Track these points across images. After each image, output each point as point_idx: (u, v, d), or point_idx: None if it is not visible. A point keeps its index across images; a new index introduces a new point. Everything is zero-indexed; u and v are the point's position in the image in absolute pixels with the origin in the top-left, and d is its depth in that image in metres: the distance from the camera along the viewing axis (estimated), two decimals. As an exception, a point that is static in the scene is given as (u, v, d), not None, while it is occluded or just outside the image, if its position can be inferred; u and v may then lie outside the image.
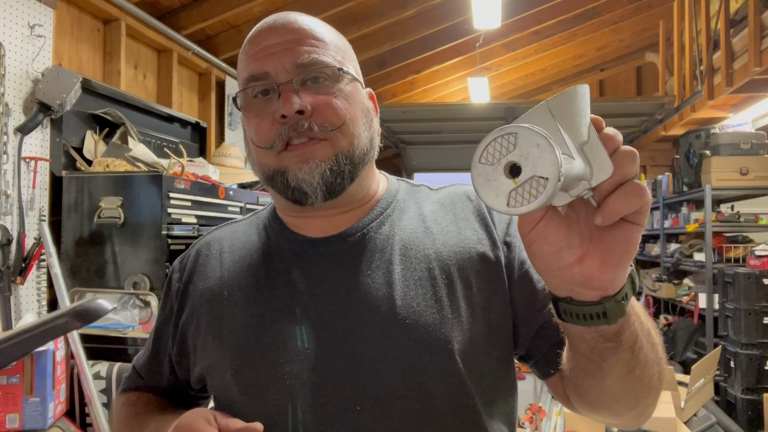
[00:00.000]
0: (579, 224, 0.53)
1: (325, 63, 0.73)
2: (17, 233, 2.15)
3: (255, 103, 0.75)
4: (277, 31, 0.74)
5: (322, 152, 0.72)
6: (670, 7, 5.21)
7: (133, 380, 0.90)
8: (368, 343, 0.69)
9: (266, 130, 0.73)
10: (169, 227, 2.27)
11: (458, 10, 4.23)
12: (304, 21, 0.76)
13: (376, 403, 0.68)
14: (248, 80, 0.75)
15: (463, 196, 0.83)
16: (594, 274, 0.52)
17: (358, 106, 0.76)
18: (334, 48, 0.76)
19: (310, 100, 0.71)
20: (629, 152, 0.51)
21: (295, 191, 0.73)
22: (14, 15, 2.17)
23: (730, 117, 4.92)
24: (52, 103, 2.22)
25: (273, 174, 0.74)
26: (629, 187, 0.50)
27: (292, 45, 0.73)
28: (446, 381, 0.70)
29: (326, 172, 0.71)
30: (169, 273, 0.87)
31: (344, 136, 0.73)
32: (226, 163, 3.33)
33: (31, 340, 0.60)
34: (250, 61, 0.75)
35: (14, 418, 1.58)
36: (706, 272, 4.25)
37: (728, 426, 3.11)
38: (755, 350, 3.55)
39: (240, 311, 0.75)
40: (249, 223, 0.87)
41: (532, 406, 2.52)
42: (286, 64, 0.72)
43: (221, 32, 3.78)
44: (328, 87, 0.73)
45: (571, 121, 0.50)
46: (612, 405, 0.67)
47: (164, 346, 0.85)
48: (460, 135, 6.18)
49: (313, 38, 0.74)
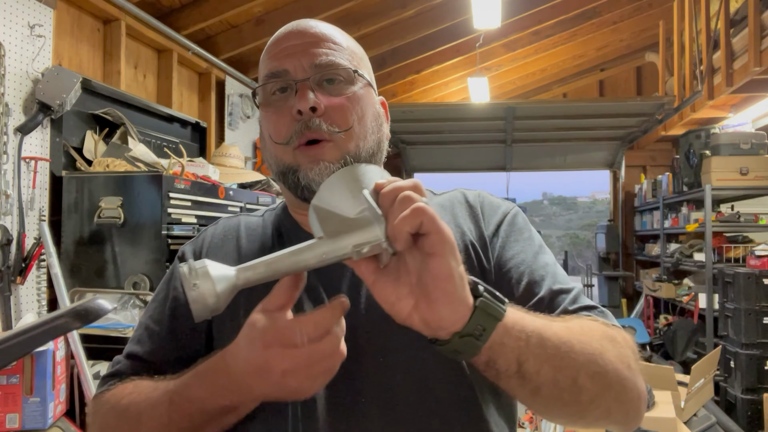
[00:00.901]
0: (408, 275, 0.55)
1: (341, 65, 0.77)
2: (17, 233, 2.15)
3: (273, 100, 0.78)
4: (298, 34, 0.79)
5: (331, 154, 0.75)
6: (670, 7, 5.20)
7: (130, 367, 0.81)
8: (372, 337, 0.72)
9: (283, 126, 0.76)
10: (169, 227, 2.27)
11: (458, 10, 4.23)
12: (323, 27, 0.81)
13: (380, 394, 0.71)
14: (268, 77, 0.78)
15: (462, 198, 0.87)
16: (427, 317, 0.54)
17: (369, 110, 0.80)
18: (350, 53, 0.81)
19: (324, 100, 0.75)
20: (402, 198, 0.54)
21: (305, 190, 0.76)
22: (14, 15, 2.17)
23: (730, 117, 4.92)
24: (52, 103, 2.22)
25: (286, 170, 0.77)
26: (401, 200, 0.53)
27: (311, 47, 0.77)
28: (447, 374, 0.72)
29: (333, 171, 0.74)
30: (178, 256, 0.88)
31: (350, 138, 0.76)
32: (226, 163, 3.34)
33: (31, 340, 0.60)
34: (271, 59, 0.79)
35: (14, 418, 1.58)
36: (706, 272, 4.25)
37: (728, 426, 3.11)
38: (755, 350, 3.55)
39: (255, 299, 0.75)
40: (261, 217, 0.90)
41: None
42: (305, 64, 0.76)
43: (221, 32, 3.78)
44: (342, 89, 0.77)
45: (344, 197, 0.59)
46: (553, 414, 0.70)
47: (183, 324, 0.81)
48: (460, 135, 6.19)
49: (332, 42, 0.79)
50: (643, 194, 6.32)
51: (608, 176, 7.11)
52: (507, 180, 6.96)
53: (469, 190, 0.89)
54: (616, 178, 6.92)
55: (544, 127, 5.97)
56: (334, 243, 0.57)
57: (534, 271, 0.77)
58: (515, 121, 5.71)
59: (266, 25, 3.70)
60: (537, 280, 0.76)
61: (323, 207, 0.59)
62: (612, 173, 7.01)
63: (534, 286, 0.76)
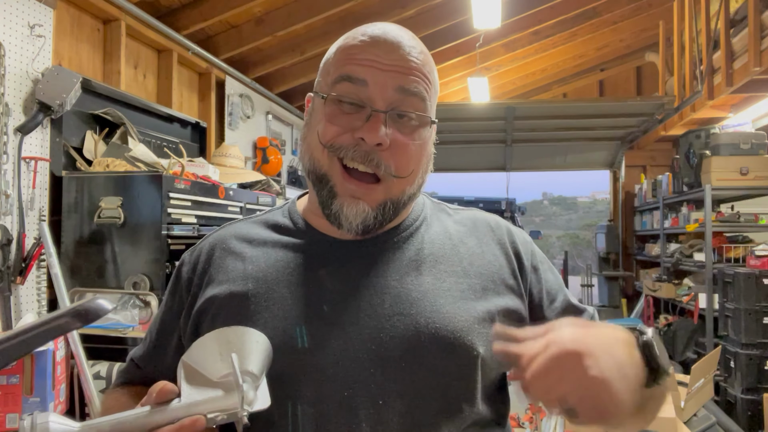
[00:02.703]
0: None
1: (423, 106, 0.75)
2: (17, 233, 2.15)
3: (340, 103, 0.75)
4: (390, 47, 0.74)
5: (374, 197, 0.74)
6: (670, 7, 5.20)
7: (130, 372, 0.88)
8: (395, 343, 0.72)
9: (338, 136, 0.74)
10: (169, 227, 2.27)
11: (458, 10, 4.23)
12: (417, 49, 0.76)
13: (399, 399, 0.71)
14: (342, 78, 0.74)
15: (485, 223, 0.87)
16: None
17: (426, 155, 0.79)
18: (434, 90, 0.78)
19: (392, 136, 0.73)
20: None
21: (333, 218, 0.75)
22: (14, 15, 2.17)
23: (730, 117, 4.92)
24: (52, 103, 2.22)
25: (320, 178, 0.76)
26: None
27: (402, 71, 0.74)
28: (467, 384, 0.74)
29: (369, 217, 0.74)
30: (177, 265, 0.88)
31: (401, 184, 0.75)
32: (226, 163, 3.34)
33: (31, 340, 0.60)
34: (350, 61, 0.75)
35: (14, 418, 1.58)
36: (706, 272, 4.25)
37: (728, 426, 3.11)
38: (755, 350, 3.55)
39: (266, 304, 0.76)
40: (263, 222, 0.87)
41: (532, 406, 2.52)
42: (390, 85, 0.73)
43: (221, 32, 3.77)
44: (412, 130, 0.75)
45: (213, 358, 0.60)
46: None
47: (169, 336, 0.84)
48: (460, 135, 6.18)
49: (423, 73, 0.75)
50: (643, 194, 6.32)
51: (608, 176, 7.11)
52: (507, 180, 6.97)
53: (488, 215, 0.90)
54: (616, 178, 6.92)
55: (544, 127, 5.97)
56: (188, 409, 0.56)
57: (566, 298, 0.86)
58: (515, 121, 5.71)
59: (266, 25, 3.70)
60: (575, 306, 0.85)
61: (191, 365, 0.59)
62: (612, 173, 7.01)
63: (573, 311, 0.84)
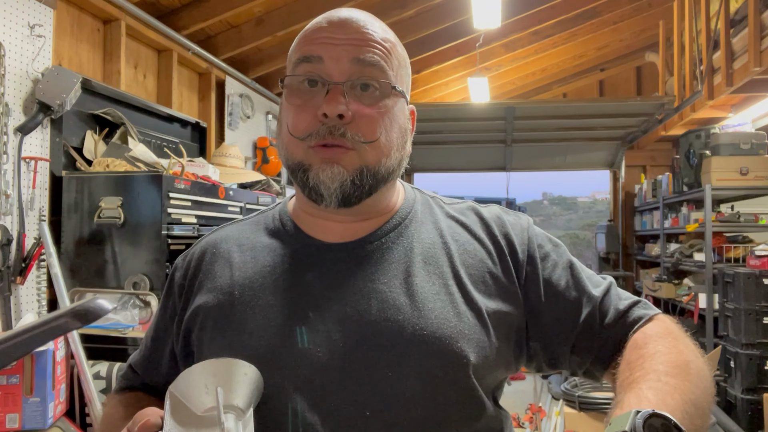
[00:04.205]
0: None
1: (382, 75, 0.73)
2: (17, 233, 2.15)
3: (300, 90, 0.74)
4: (342, 24, 0.73)
5: (349, 161, 0.72)
6: (670, 7, 5.20)
7: (129, 378, 0.89)
8: (383, 350, 0.70)
9: (304, 122, 0.72)
10: (169, 227, 2.27)
11: (458, 10, 4.23)
12: (376, 25, 0.76)
13: (386, 409, 0.68)
14: (300, 61, 0.73)
15: (478, 216, 0.84)
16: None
17: (397, 125, 0.76)
18: (396, 60, 0.76)
19: (353, 107, 0.71)
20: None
21: (312, 191, 0.73)
22: (14, 15, 2.17)
23: (730, 117, 4.91)
24: (52, 103, 2.22)
25: (296, 167, 0.74)
26: None
27: (357, 43, 0.72)
28: (458, 392, 0.71)
29: (347, 181, 0.72)
30: (170, 271, 0.87)
31: (374, 151, 0.73)
32: (226, 163, 3.34)
33: (31, 340, 0.60)
34: (307, 43, 0.74)
35: (14, 418, 1.58)
36: (706, 272, 4.24)
37: (728, 426, 3.11)
38: (755, 350, 3.55)
39: (252, 311, 0.74)
40: (255, 223, 0.86)
41: (532, 406, 2.52)
42: (345, 57, 0.71)
43: (221, 32, 3.77)
44: (374, 99, 0.73)
45: (198, 391, 0.60)
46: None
47: (163, 343, 0.84)
48: (460, 135, 6.18)
49: (382, 46, 0.74)
50: (643, 194, 6.32)
51: (608, 176, 7.10)
52: (507, 180, 6.96)
53: (480, 206, 0.86)
54: (616, 178, 6.91)
55: (544, 127, 5.96)
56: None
57: (573, 283, 0.79)
58: (515, 121, 5.70)
59: (266, 25, 3.70)
60: (590, 294, 0.78)
61: (177, 396, 0.58)
62: (612, 173, 7.01)
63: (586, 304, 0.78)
